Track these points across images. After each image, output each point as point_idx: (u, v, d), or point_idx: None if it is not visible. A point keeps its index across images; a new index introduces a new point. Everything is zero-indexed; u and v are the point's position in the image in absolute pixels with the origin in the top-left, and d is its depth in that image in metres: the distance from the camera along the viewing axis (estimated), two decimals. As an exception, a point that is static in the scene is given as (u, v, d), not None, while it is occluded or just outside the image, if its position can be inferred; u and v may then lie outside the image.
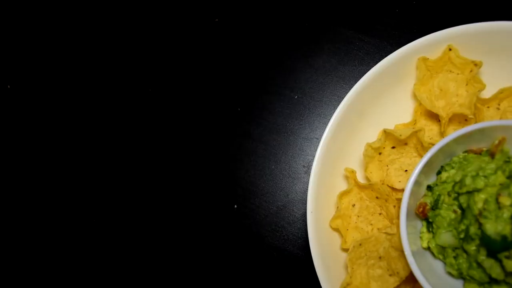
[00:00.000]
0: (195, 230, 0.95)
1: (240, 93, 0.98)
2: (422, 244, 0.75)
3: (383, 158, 0.80)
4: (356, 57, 0.95)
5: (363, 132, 0.83)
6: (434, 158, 0.73)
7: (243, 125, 0.97)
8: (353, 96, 0.79)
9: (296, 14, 0.99)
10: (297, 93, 0.96)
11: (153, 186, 0.98)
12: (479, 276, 0.70)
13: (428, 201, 0.74)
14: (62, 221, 0.99)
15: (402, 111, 0.85)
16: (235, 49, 1.00)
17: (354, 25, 0.97)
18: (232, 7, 1.02)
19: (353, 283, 0.76)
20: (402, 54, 0.79)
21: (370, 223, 0.80)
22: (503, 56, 0.81)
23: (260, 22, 1.00)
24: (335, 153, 0.81)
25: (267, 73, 0.98)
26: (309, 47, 0.97)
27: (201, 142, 0.98)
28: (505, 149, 0.74)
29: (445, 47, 0.79)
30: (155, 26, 1.04)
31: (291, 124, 0.95)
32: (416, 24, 0.93)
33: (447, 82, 0.82)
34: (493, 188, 0.68)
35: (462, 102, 0.80)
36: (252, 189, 0.94)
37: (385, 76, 0.81)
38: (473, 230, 0.69)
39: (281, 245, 0.91)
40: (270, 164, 0.94)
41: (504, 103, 0.81)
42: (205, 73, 1.00)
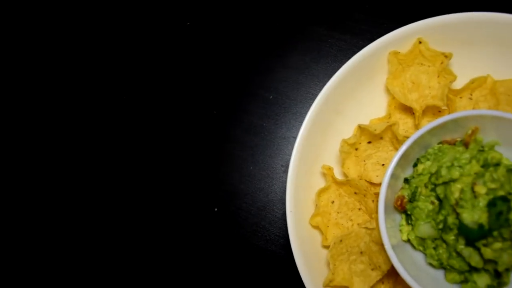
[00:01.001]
0: (176, 235, 0.95)
1: (215, 96, 0.98)
2: (402, 237, 0.75)
3: (359, 154, 0.81)
4: (328, 54, 0.95)
5: (339, 129, 0.83)
6: (410, 150, 0.73)
7: (219, 127, 0.96)
8: (327, 94, 0.80)
9: (267, 14, 0.99)
10: (272, 93, 0.96)
11: (132, 193, 0.97)
12: (459, 265, 0.71)
13: (406, 193, 0.75)
14: (43, 223, 0.98)
15: (377, 106, 0.86)
16: (208, 52, 1.00)
17: (325, 22, 0.97)
18: (203, 11, 1.01)
19: (336, 279, 0.76)
20: (373, 49, 0.80)
21: (350, 219, 0.81)
22: (472, 46, 0.82)
23: (232, 25, 1.00)
24: (311, 151, 0.81)
25: (241, 75, 0.98)
26: (281, 46, 0.98)
27: (179, 147, 0.97)
28: (479, 139, 0.75)
29: (415, 40, 0.80)
30: (127, 31, 1.03)
31: (268, 124, 0.95)
32: (386, 18, 0.94)
33: (419, 75, 0.82)
34: (468, 178, 0.69)
35: (435, 94, 0.81)
36: (232, 191, 0.94)
37: (357, 72, 0.81)
38: (451, 220, 0.69)
39: (263, 245, 0.91)
40: (248, 165, 0.94)
41: (476, 93, 0.82)
42: (178, 77, 1.00)
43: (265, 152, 0.94)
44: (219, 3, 1.02)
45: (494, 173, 0.68)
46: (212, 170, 0.95)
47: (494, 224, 0.65)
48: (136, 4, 1.04)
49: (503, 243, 0.67)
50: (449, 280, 0.73)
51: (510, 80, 0.78)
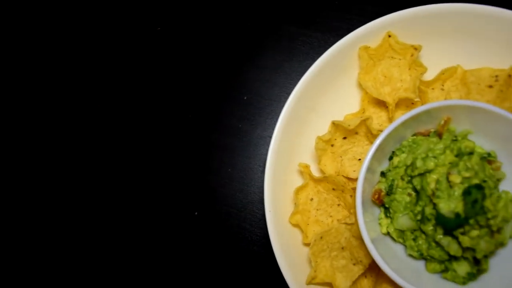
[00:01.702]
0: (157, 240, 0.94)
1: (190, 100, 0.97)
2: (382, 230, 0.76)
3: (335, 150, 0.81)
4: (301, 52, 0.95)
5: (314, 126, 0.83)
6: (385, 144, 0.74)
7: (195, 131, 0.96)
8: (300, 92, 0.80)
9: (237, 15, 0.99)
10: (246, 94, 0.95)
11: (112, 199, 0.96)
12: (438, 255, 0.72)
13: (383, 187, 0.75)
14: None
15: (351, 101, 0.86)
16: (180, 56, 0.99)
17: (296, 21, 0.97)
18: (173, 15, 1.01)
19: (318, 276, 0.76)
20: (343, 45, 0.80)
21: (330, 215, 0.81)
22: (441, 38, 0.83)
23: (203, 27, 1.00)
24: (287, 149, 0.81)
25: (214, 77, 0.98)
26: (253, 47, 0.97)
27: (155, 152, 0.97)
28: (452, 128, 0.75)
29: (384, 34, 0.81)
30: (98, 37, 1.02)
31: (243, 125, 0.95)
32: (356, 14, 0.94)
33: (390, 68, 0.83)
34: (443, 168, 0.70)
35: (407, 87, 0.81)
36: (211, 194, 0.94)
37: (329, 68, 0.81)
38: (428, 211, 0.70)
39: (245, 246, 0.91)
40: (226, 168, 0.94)
41: (448, 83, 0.83)
42: (151, 82, 0.99)
43: (243, 154, 0.94)
44: (189, 7, 1.01)
45: (468, 161, 0.69)
46: (190, 174, 0.95)
47: (470, 212, 0.66)
48: (108, 8, 1.03)
49: (480, 230, 0.68)
50: (430, 270, 0.74)
51: (480, 69, 0.79)
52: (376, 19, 0.80)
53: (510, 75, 0.78)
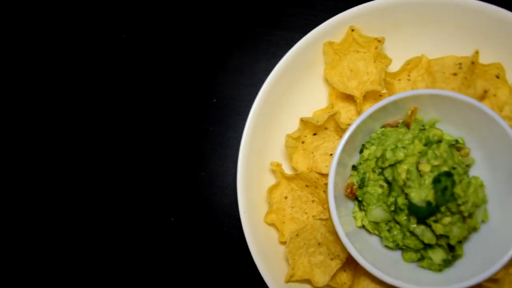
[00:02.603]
0: (134, 247, 0.94)
1: (160, 105, 0.97)
2: (356, 224, 0.76)
3: (306, 146, 0.81)
4: (267, 51, 0.95)
5: (284, 124, 0.83)
6: (354, 137, 0.74)
7: (166, 137, 0.96)
8: (267, 91, 0.80)
9: (202, 19, 0.99)
10: (214, 96, 0.95)
11: (89, 206, 0.96)
12: (413, 244, 0.72)
13: (355, 180, 0.76)
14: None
15: (319, 97, 0.86)
16: (147, 62, 0.99)
17: (260, 20, 0.97)
18: (139, 22, 1.00)
19: (297, 273, 0.76)
20: (307, 42, 0.80)
21: (305, 212, 0.81)
22: (404, 29, 0.83)
23: (168, 33, 0.99)
24: (259, 149, 0.81)
25: (181, 82, 0.97)
26: (219, 49, 0.97)
27: (128, 159, 0.96)
28: (419, 118, 0.76)
29: (348, 29, 0.81)
30: (61, 46, 1.01)
31: (214, 128, 0.94)
32: (320, 10, 0.94)
33: (355, 62, 0.83)
34: (413, 158, 0.70)
35: (373, 79, 0.82)
36: (187, 200, 0.93)
37: (295, 66, 0.82)
38: (401, 201, 0.70)
39: (222, 249, 0.91)
40: (199, 171, 0.94)
41: (413, 73, 0.84)
42: (118, 89, 0.98)
43: (215, 156, 0.93)
44: (154, 13, 1.01)
45: (437, 150, 0.70)
46: (164, 180, 0.94)
47: (441, 199, 0.66)
48: (75, 15, 1.02)
49: (452, 217, 0.68)
50: (407, 259, 0.75)
51: (444, 57, 0.80)
52: (338, 14, 0.80)
53: (473, 62, 0.79)
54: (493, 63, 0.80)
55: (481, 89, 0.79)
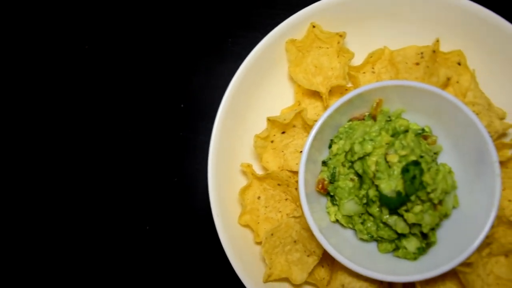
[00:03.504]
0: (109, 256, 0.93)
1: (128, 114, 0.96)
2: (330, 218, 0.76)
3: (276, 145, 0.81)
4: (232, 53, 0.95)
5: (253, 124, 0.83)
6: (322, 133, 0.74)
7: (136, 145, 0.95)
8: (233, 92, 0.80)
9: (164, 24, 0.98)
10: (182, 101, 0.95)
11: (63, 220, 0.95)
12: (387, 234, 0.73)
13: (326, 176, 0.76)
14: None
15: (286, 95, 0.86)
16: (109, 72, 0.98)
17: (223, 22, 0.97)
18: (101, 33, 0.99)
19: (274, 273, 0.76)
20: (269, 41, 0.81)
21: (279, 211, 0.81)
22: (365, 22, 0.84)
23: (131, 40, 0.98)
24: (228, 151, 0.81)
25: (148, 88, 0.96)
26: (185, 52, 0.97)
27: (99, 168, 0.95)
28: (385, 110, 0.77)
29: (309, 25, 0.81)
30: (25, 57, 1.00)
31: (184, 133, 0.94)
32: (282, 8, 0.94)
33: (319, 58, 0.84)
34: (381, 149, 0.71)
35: (338, 74, 0.82)
36: (161, 206, 0.93)
37: (259, 66, 0.82)
38: (372, 193, 0.71)
39: (200, 254, 0.91)
40: (172, 177, 0.93)
41: (377, 65, 0.84)
42: (87, 98, 0.97)
43: (187, 161, 0.93)
44: (115, 21, 1.00)
45: (404, 140, 0.71)
46: (137, 188, 0.94)
47: (410, 189, 0.67)
48: (39, 25, 1.01)
49: (422, 205, 0.69)
50: (382, 250, 0.75)
51: (405, 48, 0.81)
52: (298, 11, 0.81)
53: (434, 51, 0.80)
54: (454, 51, 0.81)
55: (444, 77, 0.81)
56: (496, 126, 0.78)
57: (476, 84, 0.80)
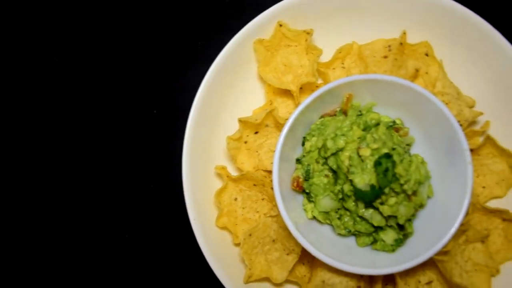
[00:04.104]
0: (88, 264, 0.92)
1: (101, 120, 0.95)
2: (307, 216, 0.76)
3: (250, 146, 0.81)
4: (203, 56, 0.93)
5: (226, 126, 0.83)
6: (294, 131, 0.74)
7: (110, 153, 0.94)
8: (204, 95, 0.80)
9: (136, 27, 0.98)
10: (155, 106, 0.94)
11: (44, 230, 0.94)
12: (364, 228, 0.73)
13: (300, 173, 0.76)
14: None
15: (258, 95, 0.86)
16: (80, 80, 0.97)
17: (191, 25, 0.97)
18: (69, 44, 0.98)
19: (255, 273, 0.76)
20: (237, 42, 0.80)
21: (256, 211, 0.81)
22: (332, 18, 0.84)
23: (101, 46, 0.98)
24: (202, 154, 0.81)
25: (120, 94, 0.96)
26: (156, 58, 0.96)
27: (74, 180, 0.94)
28: (356, 104, 0.77)
29: (276, 24, 0.81)
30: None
31: (158, 139, 0.94)
32: (250, 8, 0.94)
33: (288, 56, 0.84)
34: (353, 144, 0.71)
35: (307, 71, 0.82)
36: (139, 214, 0.92)
37: (229, 67, 0.82)
38: (347, 188, 0.71)
39: (180, 260, 0.90)
40: (148, 184, 0.93)
41: (347, 60, 0.85)
42: (56, 107, 0.96)
43: (162, 167, 0.92)
44: (83, 30, 0.99)
45: (375, 133, 0.71)
46: (114, 196, 0.93)
47: (383, 181, 0.67)
48: (7, 36, 1.00)
49: (397, 197, 0.69)
50: (360, 244, 0.76)
51: (373, 42, 0.82)
52: (265, 11, 0.81)
53: (401, 43, 0.80)
54: (421, 42, 0.81)
55: (413, 69, 0.81)
56: (466, 115, 0.79)
57: (444, 74, 0.81)
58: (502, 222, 0.78)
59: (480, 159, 0.80)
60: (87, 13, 1.00)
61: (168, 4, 0.99)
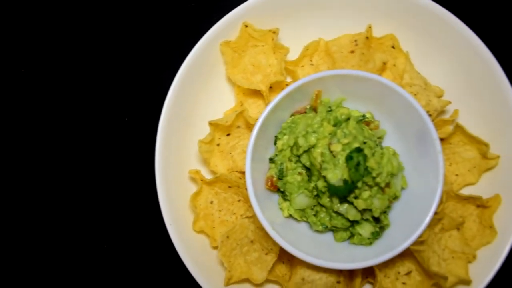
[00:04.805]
0: (67, 276, 0.91)
1: (71, 133, 0.94)
2: (284, 214, 0.77)
3: (223, 148, 0.81)
4: (172, 61, 0.93)
5: (198, 130, 0.82)
6: (266, 130, 0.74)
7: (84, 163, 0.93)
8: (173, 101, 0.79)
9: (101, 36, 0.97)
10: (126, 114, 0.93)
11: (20, 238, 0.93)
12: (341, 223, 0.74)
13: (274, 172, 0.76)
14: None
15: (228, 97, 0.86)
16: (50, 89, 0.96)
17: (159, 31, 0.96)
18: (36, 56, 0.97)
19: (235, 275, 0.76)
20: (203, 45, 0.80)
21: (233, 213, 0.81)
22: (298, 16, 0.84)
23: (68, 55, 0.97)
24: (175, 160, 0.80)
25: (90, 104, 0.95)
26: (124, 65, 0.96)
27: (50, 192, 0.93)
28: (325, 100, 0.77)
29: (241, 25, 0.81)
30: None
31: (129, 146, 0.93)
32: (215, 11, 0.93)
33: (256, 56, 0.84)
34: (324, 140, 0.71)
35: (276, 71, 0.83)
36: (116, 223, 0.92)
37: (197, 71, 0.81)
38: (321, 184, 0.71)
39: (160, 267, 0.90)
40: (124, 193, 0.92)
41: (315, 57, 0.85)
42: (28, 117, 0.95)
43: (138, 175, 0.92)
44: (50, 43, 0.98)
45: (345, 128, 0.71)
46: (90, 207, 0.92)
47: (356, 175, 0.68)
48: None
49: (370, 190, 0.70)
50: (338, 239, 0.76)
51: (339, 37, 0.82)
52: (229, 12, 0.81)
53: (367, 37, 0.81)
54: (386, 35, 0.82)
55: (380, 62, 0.82)
56: (435, 104, 0.79)
57: (411, 66, 0.82)
58: (476, 209, 0.79)
59: (451, 148, 0.81)
60: (54, 22, 0.99)
61: (135, 11, 0.98)
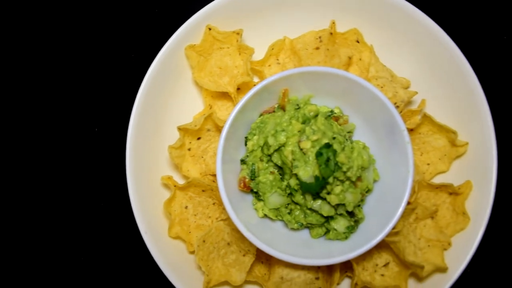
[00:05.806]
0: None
1: (41, 145, 0.93)
2: (258, 215, 0.77)
3: (194, 152, 0.81)
4: (137, 69, 0.90)
5: (169, 136, 0.82)
6: (235, 132, 0.75)
7: (55, 175, 0.92)
8: (140, 109, 0.79)
9: (66, 43, 0.96)
10: (96, 124, 0.92)
11: None
12: (315, 219, 0.74)
13: (246, 173, 0.76)
14: None
15: (196, 101, 0.86)
16: (21, 99, 0.95)
17: (124, 38, 0.95)
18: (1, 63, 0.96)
19: (213, 278, 0.76)
20: (168, 51, 0.80)
21: (209, 216, 0.81)
22: (261, 16, 0.84)
23: (35, 64, 0.95)
24: (147, 167, 0.80)
25: (59, 114, 0.94)
26: (89, 74, 0.95)
27: (21, 206, 0.92)
28: (293, 98, 0.77)
29: (205, 28, 0.81)
30: None
31: (101, 157, 0.92)
32: (180, 16, 0.93)
33: (222, 59, 0.84)
34: (294, 138, 0.71)
35: (242, 71, 0.82)
36: (92, 237, 0.91)
37: (163, 77, 0.81)
38: (293, 182, 0.72)
39: (138, 276, 0.89)
40: (98, 203, 0.91)
41: (281, 56, 0.85)
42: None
43: (111, 185, 0.91)
44: (18, 49, 0.96)
45: (314, 125, 0.71)
46: (66, 219, 0.91)
47: (326, 171, 0.68)
48: None
49: (342, 185, 0.70)
50: (314, 236, 0.76)
51: (304, 35, 0.82)
52: (191, 16, 0.80)
53: (331, 33, 0.81)
54: (350, 30, 0.83)
55: (345, 56, 0.82)
56: (402, 96, 0.80)
57: (376, 59, 0.82)
58: (449, 196, 0.80)
59: (421, 137, 0.82)
60: (21, 26, 0.98)
61: (99, 20, 0.97)
